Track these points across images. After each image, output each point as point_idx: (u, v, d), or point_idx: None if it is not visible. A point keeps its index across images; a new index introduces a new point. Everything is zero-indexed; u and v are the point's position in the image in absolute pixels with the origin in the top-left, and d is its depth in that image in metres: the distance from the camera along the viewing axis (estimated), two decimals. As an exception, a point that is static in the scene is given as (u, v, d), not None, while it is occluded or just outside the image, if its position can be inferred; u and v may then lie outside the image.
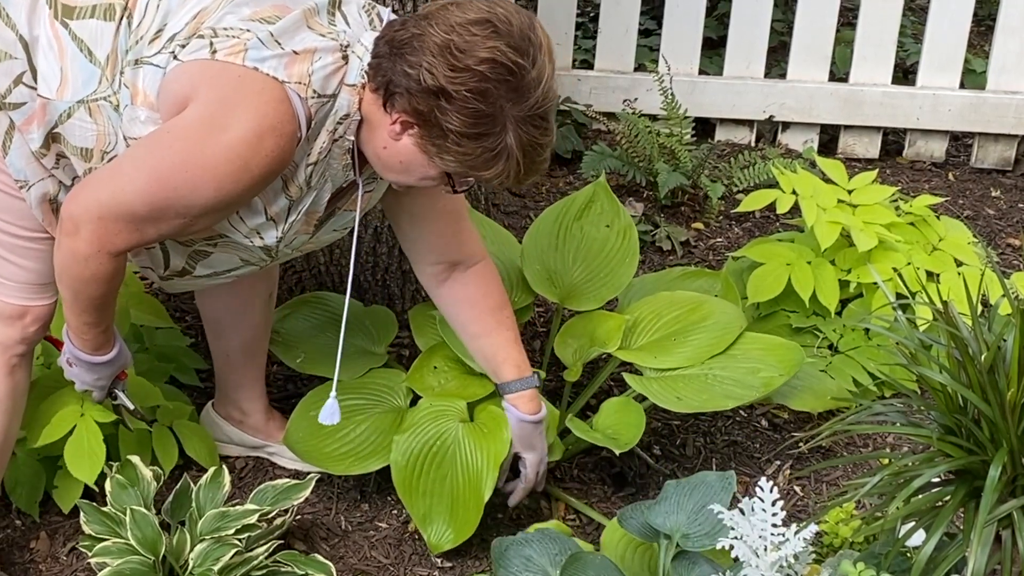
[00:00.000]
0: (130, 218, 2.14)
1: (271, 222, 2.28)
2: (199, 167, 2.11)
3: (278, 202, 2.26)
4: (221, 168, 2.11)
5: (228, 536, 2.43)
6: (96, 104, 2.21)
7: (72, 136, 2.24)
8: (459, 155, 2.14)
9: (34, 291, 2.39)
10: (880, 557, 2.05)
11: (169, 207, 2.14)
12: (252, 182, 2.13)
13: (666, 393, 2.67)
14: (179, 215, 2.16)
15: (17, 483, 2.67)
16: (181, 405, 2.83)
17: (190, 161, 2.11)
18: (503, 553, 2.29)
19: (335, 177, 2.30)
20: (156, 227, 2.17)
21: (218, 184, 2.12)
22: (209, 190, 2.12)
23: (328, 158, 2.24)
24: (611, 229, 2.97)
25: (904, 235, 3.30)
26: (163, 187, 2.12)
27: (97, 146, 2.24)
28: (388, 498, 2.79)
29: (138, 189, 2.13)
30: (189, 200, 2.14)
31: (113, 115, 2.22)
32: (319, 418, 2.50)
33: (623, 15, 4.29)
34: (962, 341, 1.96)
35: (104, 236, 2.15)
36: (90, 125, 2.23)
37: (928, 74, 4.32)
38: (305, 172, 2.23)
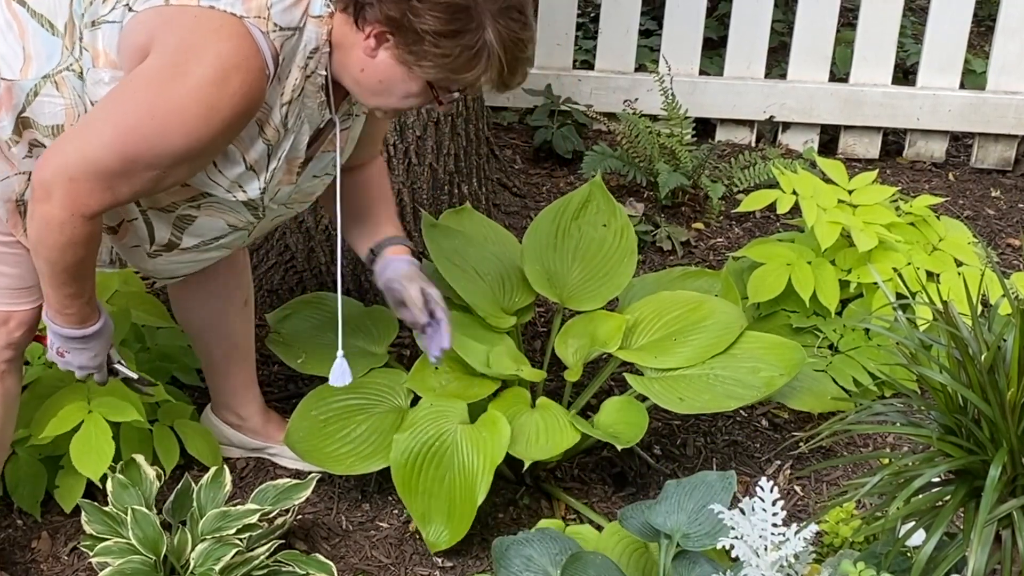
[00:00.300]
0: (101, 175, 2.08)
1: (251, 172, 2.22)
2: (166, 112, 2.05)
3: (255, 147, 2.20)
4: (189, 111, 2.05)
5: (229, 536, 2.43)
6: (61, 76, 2.17)
7: (42, 115, 2.18)
8: (438, 58, 2.10)
9: (16, 295, 2.36)
10: (880, 557, 2.05)
11: (139, 158, 2.07)
12: (223, 124, 2.08)
13: (668, 393, 2.67)
14: (150, 166, 2.09)
15: (19, 483, 2.68)
16: (182, 405, 2.84)
17: (156, 107, 2.05)
18: (504, 553, 2.29)
19: (312, 117, 2.25)
20: (129, 183, 2.10)
21: (187, 129, 2.06)
22: (178, 136, 2.06)
23: (302, 97, 2.19)
24: (608, 228, 2.97)
25: (904, 235, 3.30)
26: (131, 137, 2.06)
27: (67, 121, 2.19)
28: (389, 498, 2.80)
29: (106, 143, 2.07)
30: (159, 148, 2.07)
31: (77, 84, 2.17)
32: (330, 381, 2.49)
33: (624, 15, 4.30)
34: (962, 341, 1.96)
35: (77, 198, 2.09)
36: (58, 100, 2.17)
37: (928, 74, 4.33)
38: (280, 112, 2.17)
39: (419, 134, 3.34)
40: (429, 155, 3.37)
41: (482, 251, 2.94)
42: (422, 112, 3.32)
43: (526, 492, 2.84)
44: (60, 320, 2.30)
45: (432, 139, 3.37)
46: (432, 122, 3.36)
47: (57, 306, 2.28)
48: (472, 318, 2.82)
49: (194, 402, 2.92)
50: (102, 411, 2.59)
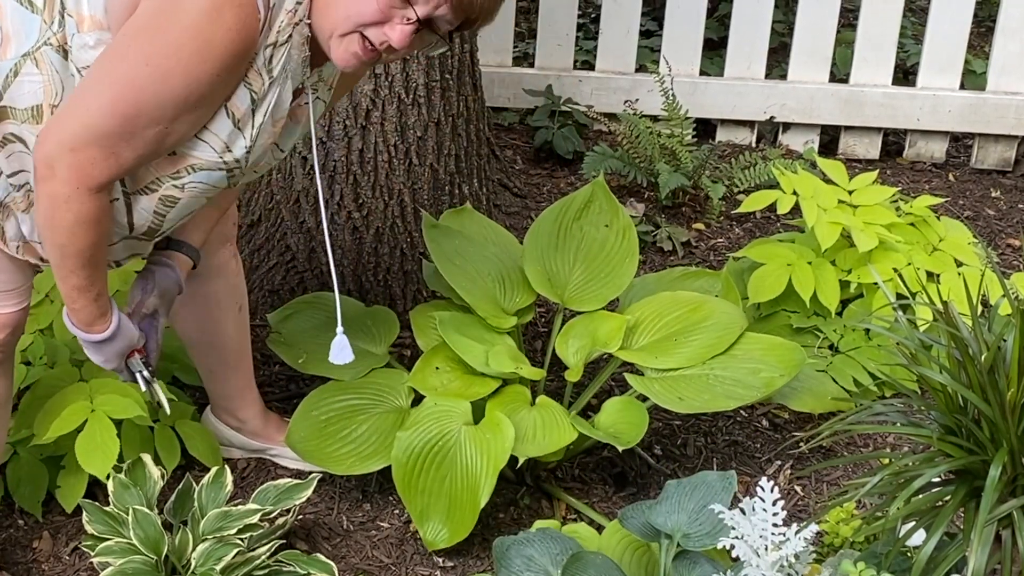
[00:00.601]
0: (103, 139, 2.03)
1: (237, 129, 2.16)
2: (162, 56, 2.00)
3: (239, 96, 2.13)
4: (185, 50, 2.00)
5: (230, 536, 2.43)
6: (40, 52, 2.10)
7: (20, 97, 2.12)
8: None
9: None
10: (881, 557, 2.05)
11: (140, 113, 2.03)
12: (219, 61, 2.02)
13: (668, 393, 2.67)
14: (153, 121, 2.04)
15: (20, 483, 2.68)
16: (184, 405, 2.84)
17: (151, 53, 2.01)
18: (505, 552, 2.29)
19: (294, 73, 2.19)
20: (131, 145, 2.05)
21: (185, 69, 2.01)
22: (177, 79, 2.01)
23: (288, 46, 2.13)
24: (610, 229, 2.97)
25: (904, 235, 3.30)
26: (129, 91, 2.02)
27: (46, 100, 2.12)
28: (390, 498, 2.80)
29: (104, 104, 2.03)
30: (160, 97, 2.02)
31: (55, 59, 2.11)
32: (330, 358, 2.45)
33: (624, 16, 4.30)
34: (962, 341, 1.96)
35: (80, 169, 2.04)
36: (37, 77, 2.11)
37: (928, 75, 4.33)
38: (264, 55, 2.11)
39: (420, 135, 3.34)
40: (430, 155, 3.38)
41: (483, 251, 2.94)
42: (423, 113, 3.32)
43: (527, 492, 2.84)
44: (71, 316, 2.28)
45: (433, 140, 3.37)
46: (433, 123, 3.36)
47: (66, 297, 2.24)
48: (473, 318, 2.82)
49: (195, 402, 2.92)
50: (105, 409, 2.59)
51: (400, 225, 3.36)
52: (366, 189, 3.31)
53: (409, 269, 3.37)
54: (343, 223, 3.32)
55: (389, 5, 2.07)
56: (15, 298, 2.34)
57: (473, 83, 3.54)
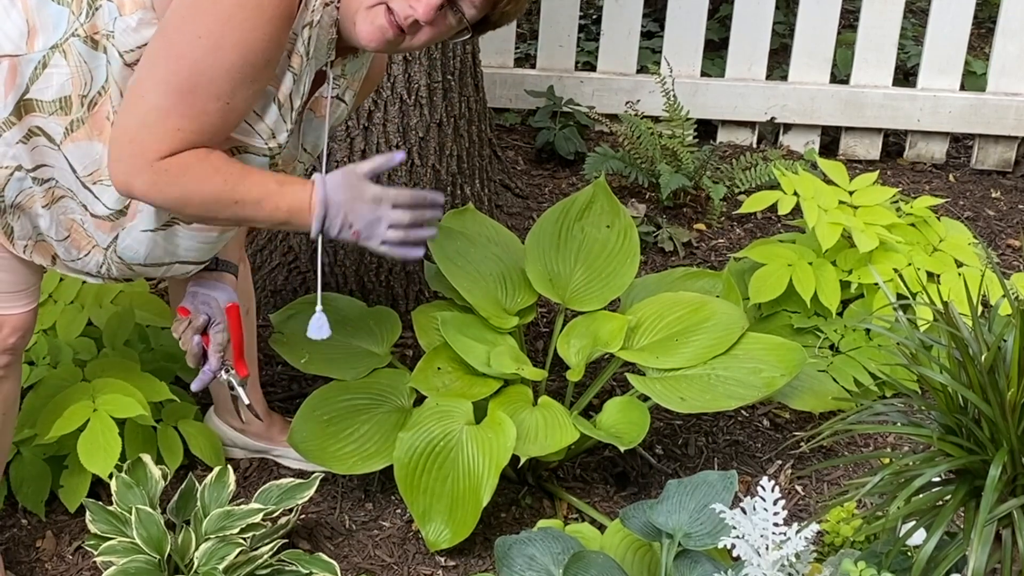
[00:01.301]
0: (161, 117, 2.02)
1: (281, 117, 2.16)
2: (214, 25, 2.00)
3: (285, 81, 2.14)
4: (236, 18, 2.00)
5: (233, 535, 2.43)
6: (67, 44, 2.11)
7: (48, 90, 2.12)
8: None
9: (5, 299, 2.31)
10: (881, 556, 2.05)
11: (198, 87, 2.02)
12: (269, 24, 2.02)
13: (669, 393, 2.68)
14: (212, 95, 2.02)
15: (23, 482, 2.68)
16: (187, 405, 2.85)
17: (201, 25, 2.00)
18: (506, 552, 2.29)
19: (319, 54, 2.19)
20: (195, 118, 2.03)
21: (238, 36, 2.00)
22: (230, 47, 2.00)
23: (319, 26, 2.13)
24: (612, 229, 2.98)
25: (905, 236, 3.31)
26: (184, 65, 2.01)
27: (74, 91, 2.12)
28: (392, 497, 2.81)
29: (158, 82, 2.02)
30: (215, 69, 2.01)
31: (84, 49, 2.11)
32: (307, 333, 2.37)
33: (625, 17, 4.31)
34: (962, 341, 1.96)
35: (141, 148, 2.03)
36: (65, 69, 2.11)
37: (929, 76, 4.34)
38: (304, 36, 2.11)
39: (422, 135, 3.35)
40: (432, 156, 3.38)
41: (484, 252, 2.95)
42: (424, 114, 3.32)
43: (528, 492, 2.85)
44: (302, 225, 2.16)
45: (435, 140, 3.38)
46: (435, 124, 3.37)
47: (277, 222, 2.17)
48: (474, 318, 2.83)
49: (198, 402, 2.93)
50: (108, 409, 2.60)
51: (402, 226, 3.36)
52: (368, 190, 3.32)
53: (411, 269, 3.37)
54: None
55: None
56: (23, 299, 2.33)
57: (475, 84, 3.55)
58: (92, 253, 2.29)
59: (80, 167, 2.18)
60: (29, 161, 2.17)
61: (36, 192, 2.20)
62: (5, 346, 2.34)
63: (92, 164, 2.17)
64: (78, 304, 2.92)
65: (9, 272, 2.29)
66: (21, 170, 2.18)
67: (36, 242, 2.27)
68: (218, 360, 2.40)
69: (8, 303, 2.32)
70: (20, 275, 2.30)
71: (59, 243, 2.27)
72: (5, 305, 2.31)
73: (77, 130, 2.15)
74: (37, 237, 2.26)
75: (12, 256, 2.27)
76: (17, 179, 2.18)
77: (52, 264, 2.32)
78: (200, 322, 2.39)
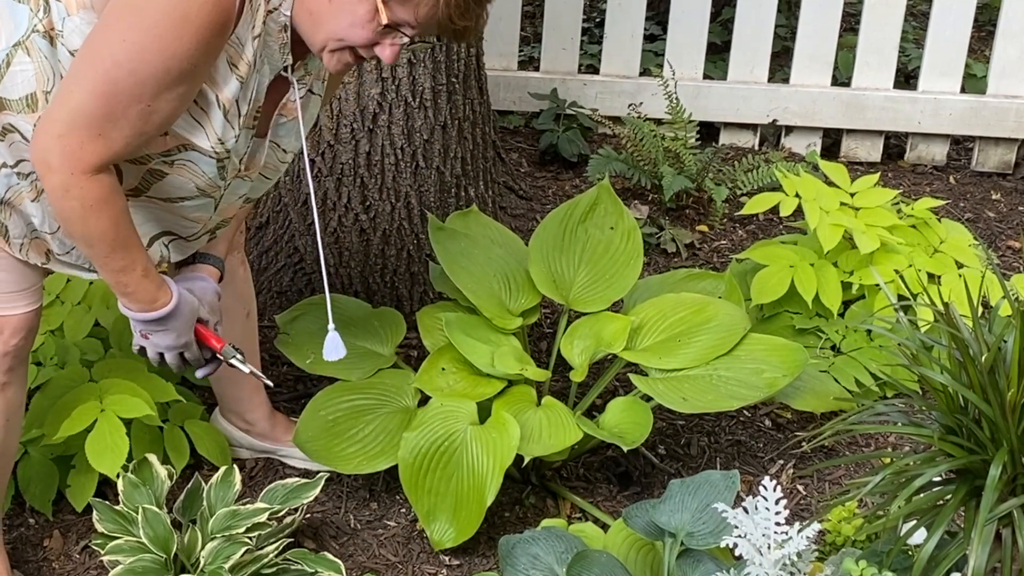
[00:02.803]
0: (87, 122, 2.02)
1: (227, 121, 2.15)
2: (138, 33, 2.00)
3: (230, 85, 2.12)
4: (160, 26, 1.99)
5: (239, 534, 2.44)
6: (29, 40, 2.11)
7: (15, 89, 2.12)
8: None
9: (5, 300, 2.31)
10: (882, 555, 2.06)
11: (120, 91, 2.01)
12: (196, 37, 2.00)
13: (672, 394, 2.69)
14: (134, 98, 2.02)
15: (31, 482, 2.70)
16: (193, 405, 2.86)
17: (127, 31, 2.01)
18: (510, 551, 2.30)
19: (272, 59, 2.18)
20: (117, 125, 2.04)
21: (161, 45, 1.99)
22: (154, 54, 2.00)
23: (264, 34, 2.14)
24: (615, 231, 2.99)
25: (906, 237, 3.32)
26: (108, 70, 2.01)
27: (38, 87, 2.12)
28: (396, 497, 2.82)
29: (86, 87, 2.02)
30: (137, 75, 2.01)
31: (43, 45, 2.11)
32: (323, 355, 2.44)
33: (629, 21, 4.32)
34: (963, 342, 1.97)
35: (71, 153, 2.03)
36: (29, 66, 2.11)
37: (929, 79, 4.35)
38: (252, 46, 2.11)
39: (426, 138, 3.36)
40: (436, 158, 3.40)
41: (488, 253, 2.96)
42: (429, 116, 3.34)
43: (532, 491, 2.86)
44: (128, 303, 2.24)
45: (439, 143, 3.39)
46: (439, 126, 3.38)
47: (117, 286, 2.22)
48: (478, 319, 2.84)
49: (204, 402, 2.94)
50: (115, 409, 2.61)
51: (407, 227, 3.38)
52: (373, 192, 3.33)
53: (416, 271, 3.39)
54: (350, 225, 3.34)
55: (378, 33, 2.10)
56: (25, 299, 2.33)
57: (479, 87, 3.56)
58: None
59: None
60: (10, 158, 2.18)
61: (23, 187, 2.21)
62: (7, 348, 2.33)
63: None
64: (85, 305, 2.93)
65: (8, 272, 2.29)
66: (5, 167, 2.19)
67: (31, 239, 2.27)
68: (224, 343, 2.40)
69: (9, 303, 2.31)
70: (19, 274, 2.30)
71: (52, 236, 2.27)
72: (6, 306, 2.31)
73: None
74: (32, 235, 2.27)
75: (10, 255, 2.28)
76: (4, 176, 2.19)
77: (47, 261, 2.32)
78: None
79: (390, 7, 2.07)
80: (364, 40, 2.11)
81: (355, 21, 2.08)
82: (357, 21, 2.08)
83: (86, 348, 2.87)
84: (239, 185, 2.31)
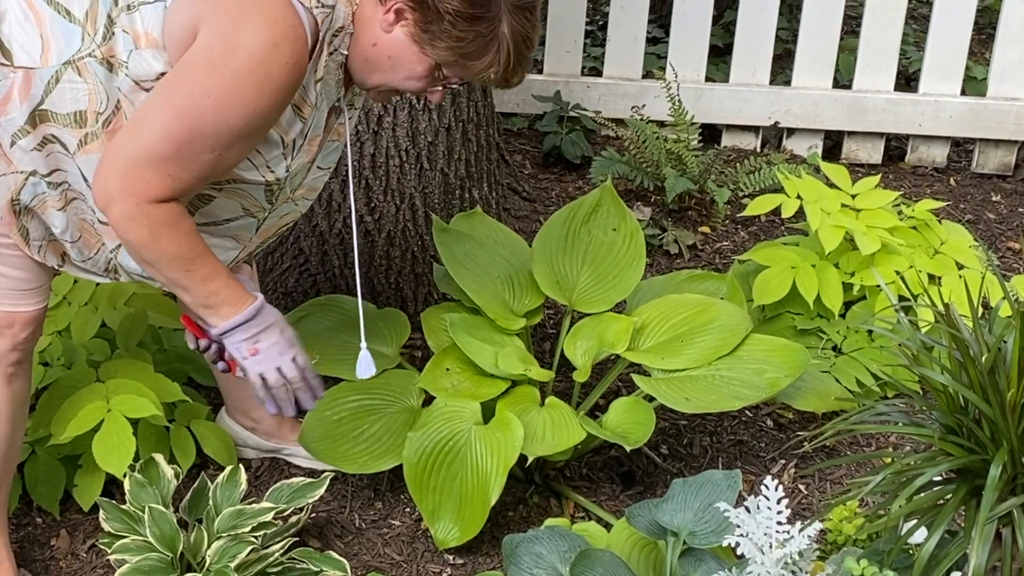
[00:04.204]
0: (156, 161, 2.07)
1: (282, 155, 2.24)
2: (221, 87, 2.06)
3: (294, 128, 2.22)
4: (244, 82, 2.06)
5: (245, 533, 2.45)
6: (83, 63, 2.14)
7: (63, 104, 2.16)
8: (452, 41, 2.14)
9: (19, 297, 2.35)
10: (883, 554, 2.06)
11: (195, 140, 2.07)
12: (276, 94, 2.09)
13: (674, 394, 2.70)
14: (207, 148, 2.09)
15: (38, 481, 2.71)
16: (199, 405, 2.87)
17: (210, 84, 2.06)
18: (514, 550, 2.30)
19: (329, 94, 2.27)
20: (187, 167, 2.09)
21: (243, 101, 2.07)
22: (235, 109, 2.07)
23: (328, 74, 2.22)
24: (618, 232, 3.00)
25: (906, 239, 3.32)
26: (186, 118, 2.07)
27: (90, 107, 2.16)
28: (401, 496, 2.83)
29: (159, 128, 2.07)
30: (216, 127, 2.07)
31: (100, 71, 2.15)
32: (356, 373, 2.49)
33: (631, 24, 4.33)
34: (963, 342, 1.97)
35: (133, 185, 2.07)
36: (81, 85, 2.15)
37: (930, 81, 4.36)
38: (315, 90, 2.20)
39: (431, 140, 3.37)
40: (441, 160, 3.41)
41: (492, 254, 2.97)
42: (433, 118, 3.35)
43: (535, 491, 2.87)
44: (223, 313, 2.22)
45: (444, 144, 3.40)
46: (444, 128, 3.39)
47: (207, 301, 2.21)
48: (482, 320, 2.85)
49: (210, 402, 2.95)
50: (121, 409, 2.63)
51: (411, 228, 3.39)
52: (378, 193, 3.34)
53: (420, 272, 3.40)
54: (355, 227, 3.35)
55: (429, 82, 2.22)
56: (34, 297, 2.37)
57: (483, 89, 3.56)
58: (101, 251, 2.33)
59: (91, 177, 2.21)
60: (44, 167, 2.21)
61: (51, 195, 2.24)
62: (17, 342, 2.38)
63: None
64: (92, 306, 2.95)
65: (25, 270, 2.33)
66: (36, 175, 2.22)
67: (49, 242, 2.31)
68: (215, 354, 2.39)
69: (22, 300, 2.36)
70: (34, 273, 2.34)
71: (72, 244, 2.31)
72: (19, 302, 2.36)
73: (91, 143, 2.19)
74: (50, 238, 2.30)
75: (26, 255, 2.31)
76: (32, 184, 2.22)
77: (62, 264, 2.35)
78: None
79: (446, 73, 2.20)
80: (416, 91, 2.25)
81: (411, 75, 2.21)
82: (414, 76, 2.21)
83: (93, 349, 2.89)
84: (285, 208, 2.39)
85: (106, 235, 2.29)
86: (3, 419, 2.43)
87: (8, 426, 2.45)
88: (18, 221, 2.25)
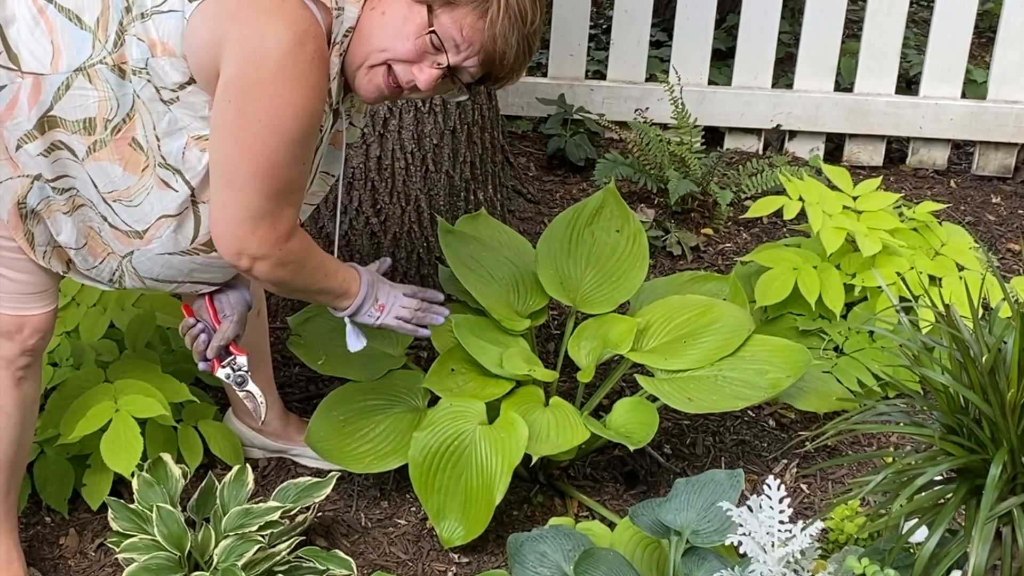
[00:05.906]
0: (270, 208, 2.18)
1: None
2: (267, 107, 2.11)
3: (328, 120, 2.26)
4: (285, 90, 2.10)
5: (252, 532, 2.46)
6: (94, 69, 2.15)
7: (72, 110, 2.16)
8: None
9: (27, 300, 2.35)
10: (884, 553, 2.06)
11: (278, 164, 2.15)
12: (314, 89, 2.13)
13: (677, 394, 2.70)
14: (292, 164, 2.17)
15: (47, 481, 2.72)
16: (206, 405, 2.89)
17: (259, 110, 2.11)
18: (518, 549, 2.31)
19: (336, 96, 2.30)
20: (291, 191, 2.20)
21: (293, 107, 2.11)
22: (289, 119, 2.12)
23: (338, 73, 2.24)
24: (621, 234, 3.00)
25: (907, 240, 3.33)
26: (262, 152, 2.13)
27: (99, 114, 2.17)
28: (407, 496, 2.84)
29: (248, 180, 2.15)
30: (287, 142, 2.14)
31: (111, 78, 2.15)
32: (348, 347, 2.53)
33: (635, 27, 4.34)
34: (964, 343, 1.98)
35: (266, 236, 2.20)
36: (91, 92, 2.15)
37: (931, 84, 4.37)
38: (333, 87, 2.23)
39: (436, 142, 3.38)
40: (446, 162, 3.42)
41: (497, 256, 2.98)
42: (439, 121, 3.36)
43: (540, 490, 2.88)
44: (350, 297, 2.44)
45: (449, 147, 3.41)
46: (449, 130, 3.40)
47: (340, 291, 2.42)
48: (487, 321, 2.86)
49: (217, 403, 2.96)
50: (129, 409, 2.64)
51: (417, 230, 3.40)
52: (384, 195, 3.35)
53: (426, 273, 3.41)
54: (361, 228, 3.36)
55: (423, 48, 2.20)
56: (42, 300, 2.37)
57: (488, 92, 3.57)
58: (107, 260, 2.34)
59: (101, 184, 2.23)
60: (50, 172, 2.22)
61: (57, 200, 2.25)
62: (26, 347, 2.38)
63: (111, 184, 2.23)
64: (100, 307, 2.96)
65: (30, 274, 2.34)
66: (41, 179, 2.22)
67: (53, 248, 2.31)
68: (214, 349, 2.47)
69: (29, 304, 2.36)
70: (40, 277, 2.34)
71: (76, 251, 2.32)
72: (26, 306, 2.36)
73: (100, 150, 2.20)
74: (55, 244, 2.31)
75: (32, 260, 2.32)
76: (38, 187, 2.23)
77: (67, 270, 2.36)
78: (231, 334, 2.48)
79: (438, 17, 2.17)
80: (407, 53, 2.21)
81: (401, 32, 2.19)
82: (404, 33, 2.19)
83: (101, 349, 2.90)
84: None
85: (117, 241, 2.30)
86: (13, 422, 2.44)
87: (18, 428, 2.45)
88: (24, 225, 2.26)
